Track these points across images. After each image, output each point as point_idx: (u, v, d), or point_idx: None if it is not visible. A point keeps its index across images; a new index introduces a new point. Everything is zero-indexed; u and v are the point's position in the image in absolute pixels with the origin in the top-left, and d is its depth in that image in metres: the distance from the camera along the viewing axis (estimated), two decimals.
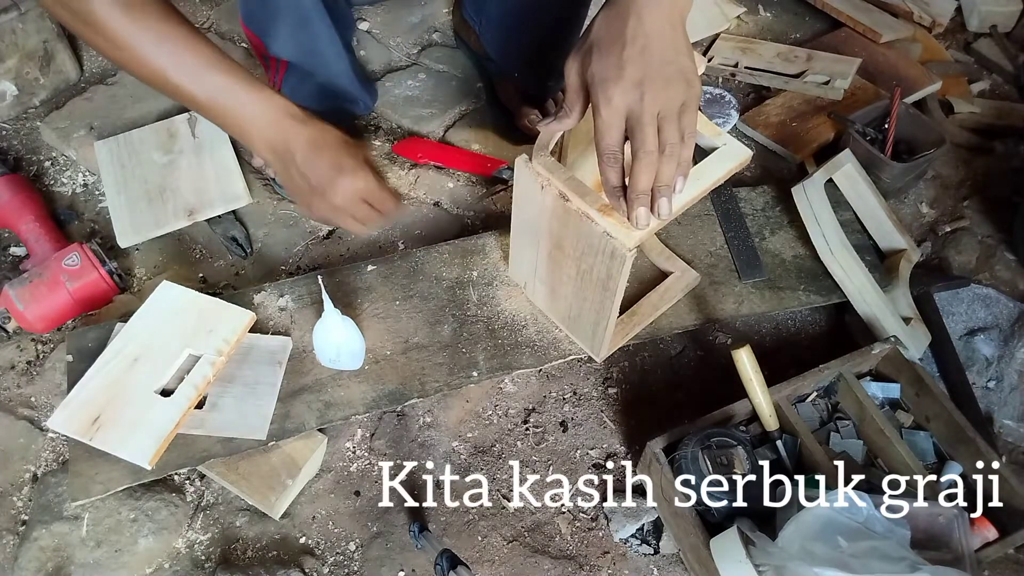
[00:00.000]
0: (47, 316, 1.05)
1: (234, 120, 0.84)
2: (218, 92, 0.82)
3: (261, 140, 0.85)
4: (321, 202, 0.87)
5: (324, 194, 0.86)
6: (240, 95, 0.82)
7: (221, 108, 0.83)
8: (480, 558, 0.96)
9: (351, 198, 0.87)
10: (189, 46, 0.80)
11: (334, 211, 0.88)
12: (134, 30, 0.78)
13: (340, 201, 0.87)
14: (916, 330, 1.11)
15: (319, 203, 0.87)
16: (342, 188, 0.86)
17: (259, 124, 0.84)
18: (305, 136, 0.85)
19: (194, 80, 0.81)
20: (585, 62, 0.77)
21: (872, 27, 1.52)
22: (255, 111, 0.83)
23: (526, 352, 1.05)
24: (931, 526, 0.86)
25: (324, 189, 0.86)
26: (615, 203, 0.80)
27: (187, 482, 0.99)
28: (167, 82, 0.81)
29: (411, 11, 1.53)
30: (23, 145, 1.30)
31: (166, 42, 0.79)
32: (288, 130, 0.84)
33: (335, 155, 0.86)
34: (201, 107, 0.83)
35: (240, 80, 0.82)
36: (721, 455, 0.90)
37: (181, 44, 0.80)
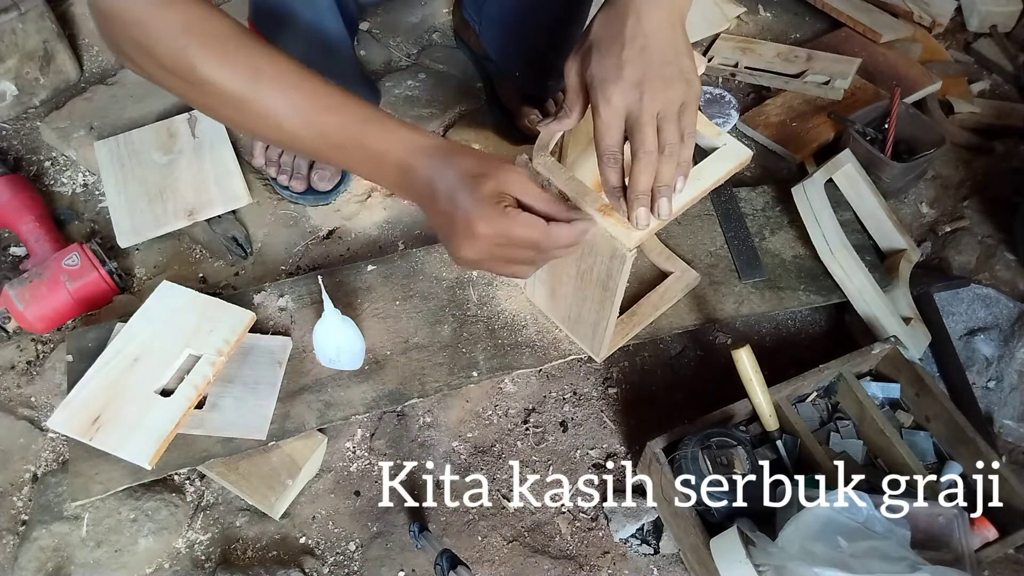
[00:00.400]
0: (47, 316, 1.05)
1: (360, 167, 0.75)
2: (337, 140, 0.72)
3: (394, 186, 0.75)
4: (466, 250, 0.72)
5: (465, 242, 0.71)
6: (360, 137, 0.72)
7: (345, 156, 0.74)
8: (480, 558, 0.96)
9: (494, 243, 0.71)
10: (296, 91, 0.71)
11: (476, 263, 0.73)
12: (234, 76, 0.70)
13: (467, 254, 0.72)
14: (916, 330, 1.11)
15: (463, 251, 0.72)
16: (479, 232, 0.70)
17: (386, 167, 0.73)
18: (424, 179, 0.71)
19: (306, 129, 0.72)
20: (584, 62, 0.77)
21: (872, 27, 1.52)
22: (379, 152, 0.72)
23: (526, 352, 1.05)
24: (931, 526, 0.86)
25: (460, 236, 0.71)
26: (615, 203, 0.80)
27: (187, 482, 0.99)
28: (284, 133, 0.72)
29: (411, 11, 1.53)
30: (23, 145, 1.30)
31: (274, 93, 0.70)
32: (420, 168, 0.72)
33: (451, 193, 0.70)
34: (327, 157, 0.75)
35: (357, 119, 0.72)
36: (721, 455, 0.90)
37: (287, 92, 0.71)
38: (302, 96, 0.72)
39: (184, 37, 0.69)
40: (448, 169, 0.71)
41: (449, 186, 0.70)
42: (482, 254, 0.72)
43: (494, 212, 0.69)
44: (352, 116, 0.72)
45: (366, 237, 1.23)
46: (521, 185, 0.71)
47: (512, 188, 0.71)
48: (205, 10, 0.71)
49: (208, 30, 0.70)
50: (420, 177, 0.72)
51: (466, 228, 0.70)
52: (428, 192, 0.72)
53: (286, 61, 0.72)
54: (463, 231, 0.70)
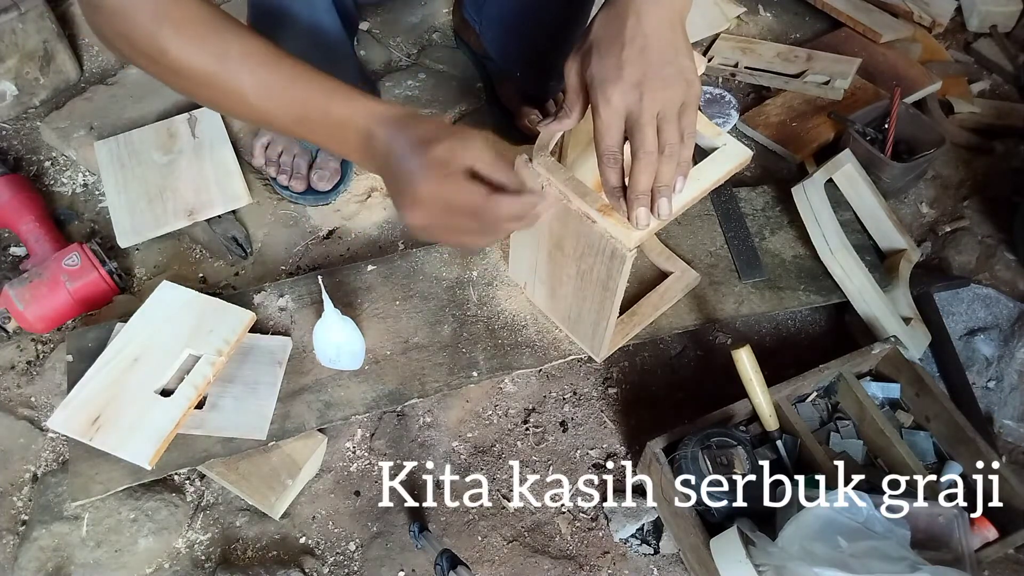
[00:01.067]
0: (47, 316, 1.05)
1: (321, 137, 0.76)
2: (301, 112, 0.74)
3: (355, 154, 0.75)
4: (409, 215, 0.72)
5: (409, 206, 0.71)
6: (323, 107, 0.73)
7: (307, 128, 0.75)
8: (480, 558, 0.96)
9: (436, 208, 0.70)
10: (262, 66, 0.73)
11: (423, 229, 0.73)
12: (203, 56, 0.72)
13: (413, 219, 0.71)
14: (916, 330, 1.11)
15: (408, 216, 0.72)
16: (420, 195, 0.70)
17: (349, 136, 0.74)
18: (382, 146, 0.72)
19: (272, 102, 0.74)
20: (584, 62, 0.77)
21: (872, 27, 1.52)
22: (341, 120, 0.73)
23: (526, 352, 1.05)
24: (931, 526, 0.86)
25: (405, 200, 0.71)
26: (615, 203, 0.80)
27: (187, 482, 0.99)
28: (251, 109, 0.74)
29: (411, 11, 1.53)
30: (23, 145, 1.30)
31: (238, 69, 0.72)
32: (382, 136, 0.72)
33: (402, 157, 0.71)
34: (290, 130, 0.76)
35: (321, 90, 0.74)
36: (721, 455, 0.90)
37: (252, 66, 0.73)
38: (267, 71, 0.74)
39: (156, 22, 0.72)
40: (403, 134, 0.71)
41: (401, 151, 0.71)
42: (427, 219, 0.72)
43: (435, 176, 0.69)
44: (316, 88, 0.74)
45: (366, 237, 1.23)
46: (474, 153, 0.70)
47: (464, 155, 0.70)
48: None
49: (180, 14, 0.72)
50: (379, 144, 0.72)
51: (411, 192, 0.70)
52: (384, 159, 0.72)
53: (254, 39, 0.74)
54: (408, 195, 0.70)
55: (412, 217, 0.72)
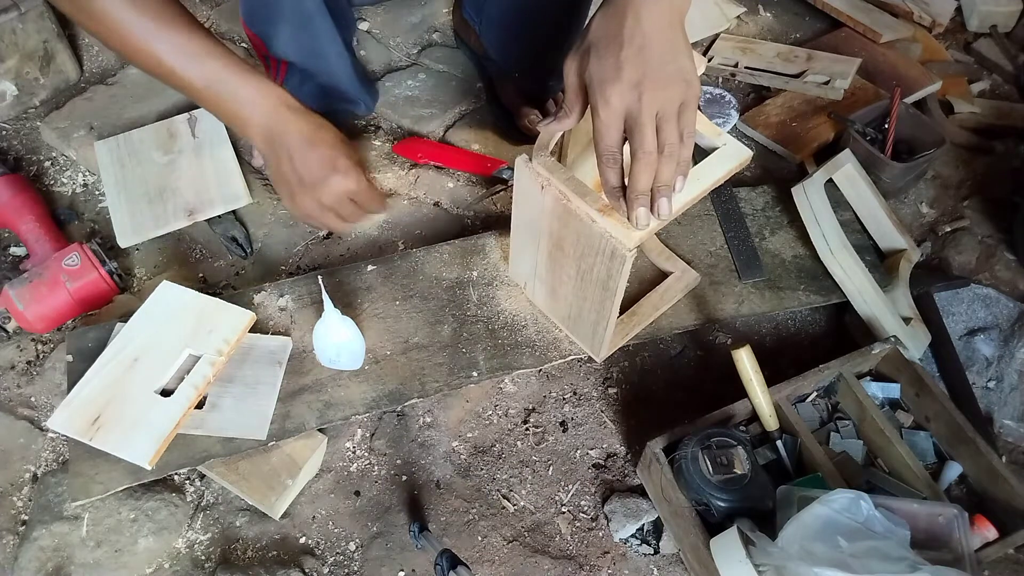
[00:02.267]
0: (47, 316, 1.05)
1: (229, 107, 0.84)
2: (214, 78, 0.82)
3: (256, 128, 0.85)
4: (307, 198, 0.87)
5: (313, 190, 0.86)
6: (236, 82, 0.82)
7: (216, 95, 0.83)
8: (480, 558, 0.96)
9: (340, 197, 0.87)
10: (186, 32, 0.81)
11: (320, 209, 0.88)
12: (132, 16, 0.78)
13: (328, 199, 0.87)
14: (916, 330, 1.11)
15: (305, 199, 0.87)
16: (333, 186, 0.86)
17: (255, 112, 0.84)
18: (301, 129, 0.85)
19: (190, 66, 0.81)
20: (583, 62, 0.77)
21: (872, 27, 1.52)
22: (251, 98, 0.83)
23: (526, 352, 1.05)
24: (931, 526, 0.86)
25: (314, 185, 0.86)
26: (615, 203, 0.80)
27: (187, 482, 0.99)
28: (162, 66, 0.81)
29: (411, 11, 1.53)
30: (23, 145, 1.30)
31: (164, 29, 0.80)
32: (284, 121, 0.84)
33: (330, 152, 0.85)
34: (197, 94, 0.83)
35: (237, 68, 0.82)
36: (721, 455, 0.90)
37: (179, 30, 0.80)
38: (187, 39, 0.81)
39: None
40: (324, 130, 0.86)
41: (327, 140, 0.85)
42: (335, 201, 0.87)
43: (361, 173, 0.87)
44: (232, 64, 0.82)
45: (366, 237, 1.23)
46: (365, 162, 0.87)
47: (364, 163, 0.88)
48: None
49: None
50: (297, 125, 0.84)
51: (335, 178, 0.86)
52: (301, 140, 0.84)
53: (180, 10, 0.82)
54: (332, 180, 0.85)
55: (319, 196, 0.86)
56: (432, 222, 1.25)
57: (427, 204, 1.27)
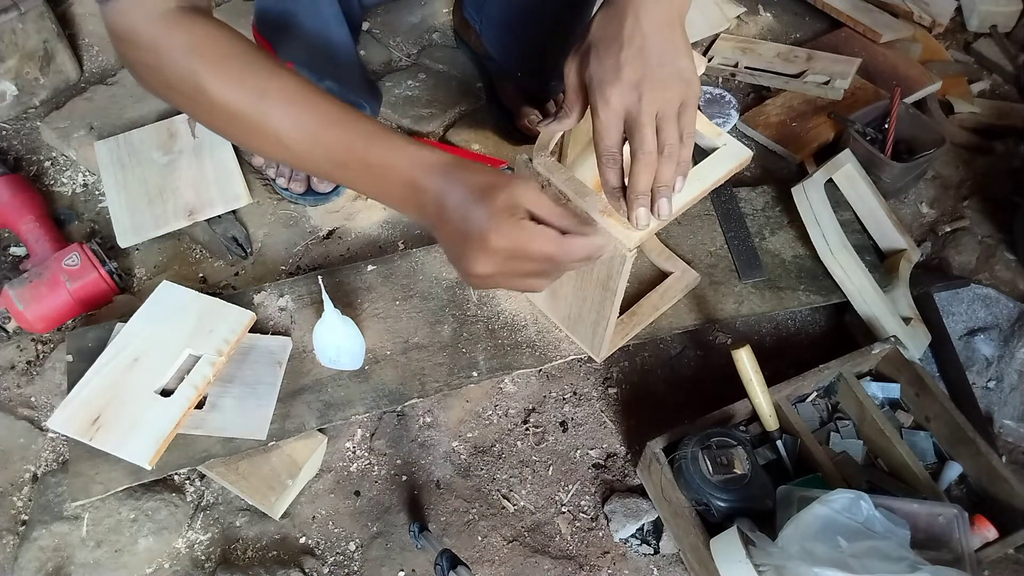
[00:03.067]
0: (47, 316, 1.05)
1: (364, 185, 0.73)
2: (341, 153, 0.71)
3: (400, 204, 0.73)
4: (477, 265, 0.69)
5: (477, 257, 0.68)
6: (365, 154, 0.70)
7: (346, 174, 0.72)
8: (480, 558, 0.96)
9: (506, 256, 0.68)
10: (303, 102, 0.70)
11: (488, 278, 0.70)
12: (240, 94, 0.69)
13: (481, 269, 0.69)
14: (916, 330, 1.11)
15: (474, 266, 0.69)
16: (491, 245, 0.67)
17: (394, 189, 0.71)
18: (432, 196, 0.69)
19: (310, 142, 0.71)
20: (583, 62, 0.77)
21: (872, 27, 1.52)
22: (384, 169, 0.70)
23: (526, 352, 1.05)
24: (931, 526, 0.86)
25: (472, 251, 0.68)
26: (615, 204, 0.80)
27: (187, 482, 0.99)
28: (286, 149, 0.72)
29: (411, 11, 1.53)
30: (23, 145, 1.30)
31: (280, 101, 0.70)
32: (423, 188, 0.70)
33: (464, 208, 0.68)
34: (329, 174, 0.74)
35: (363, 135, 0.71)
36: (721, 455, 0.90)
37: (294, 101, 0.70)
38: (305, 112, 0.70)
39: (190, 57, 0.69)
40: (458, 185, 0.68)
41: (461, 201, 0.68)
42: (496, 268, 0.69)
43: (508, 224, 0.66)
44: (356, 132, 0.71)
45: (366, 237, 1.23)
46: (534, 198, 0.69)
47: (525, 200, 0.68)
48: (213, 28, 0.71)
49: (214, 49, 0.70)
50: (428, 194, 0.69)
51: (480, 242, 0.67)
52: (437, 210, 0.69)
53: (291, 78, 0.71)
54: (477, 245, 0.67)
55: (483, 267, 0.68)
56: None
57: None
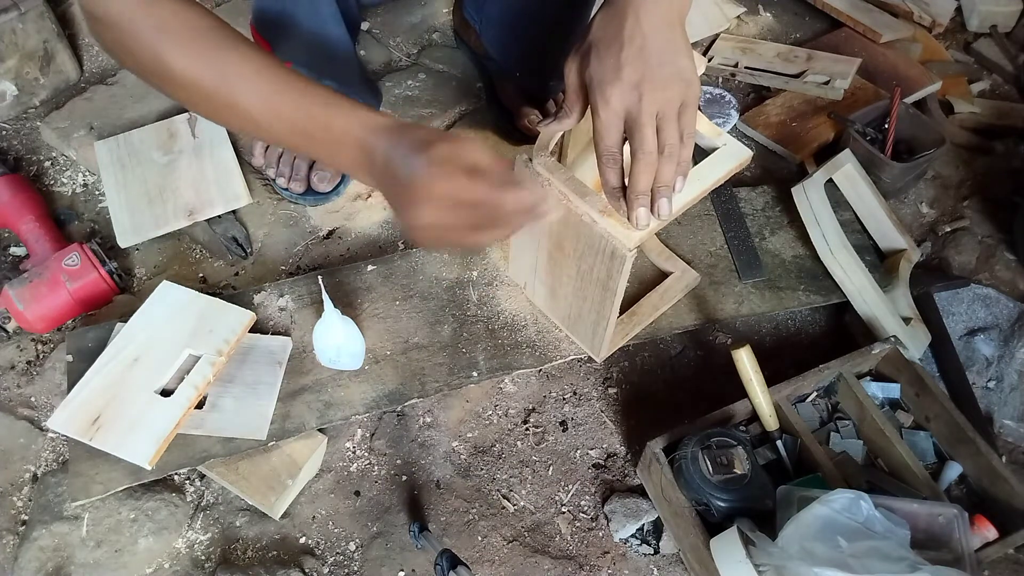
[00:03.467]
0: (47, 316, 1.05)
1: (323, 152, 0.74)
2: (304, 122, 0.72)
3: (354, 168, 0.74)
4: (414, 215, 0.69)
5: (413, 206, 0.69)
6: (327, 121, 0.72)
7: (307, 142, 0.74)
8: (480, 558, 0.96)
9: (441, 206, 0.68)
10: (268, 76, 0.72)
11: (426, 230, 0.70)
12: (206, 70, 0.71)
13: (422, 219, 0.69)
14: (916, 330, 1.11)
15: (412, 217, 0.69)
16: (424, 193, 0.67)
17: (350, 153, 0.72)
18: (381, 156, 0.71)
19: (276, 113, 0.72)
20: (584, 62, 0.77)
21: (872, 27, 1.52)
22: (342, 134, 0.72)
23: (526, 352, 1.05)
24: (931, 526, 0.86)
25: (409, 200, 0.69)
26: (615, 204, 0.80)
27: (187, 482, 0.99)
28: (253, 122, 0.73)
29: (411, 11, 1.53)
30: (23, 145, 1.30)
31: (246, 76, 0.72)
32: (374, 149, 0.71)
33: (405, 161, 0.69)
34: (292, 144, 0.76)
35: (326, 104, 0.72)
36: (721, 455, 0.90)
37: (259, 75, 0.72)
38: (267, 85, 0.72)
39: (158, 35, 0.71)
40: (403, 141, 0.69)
41: (404, 156, 0.69)
42: (436, 217, 0.68)
43: (446, 173, 0.67)
44: (313, 100, 0.72)
45: (366, 237, 1.23)
46: (475, 151, 0.69)
47: (465, 153, 0.68)
48: (180, 8, 0.73)
49: (180, 28, 0.72)
50: (377, 155, 0.71)
51: (421, 189, 0.67)
52: (384, 168, 0.70)
53: (254, 53, 0.73)
54: (417, 194, 0.67)
55: (417, 217, 0.68)
56: None
57: None
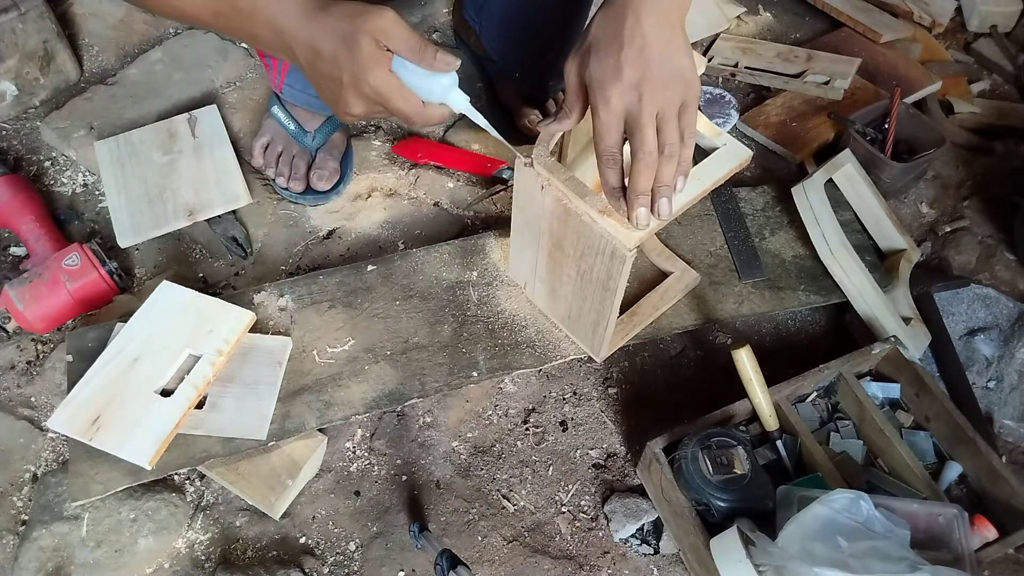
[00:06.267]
0: (47, 316, 1.05)
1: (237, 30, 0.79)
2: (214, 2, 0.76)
3: (273, 48, 0.78)
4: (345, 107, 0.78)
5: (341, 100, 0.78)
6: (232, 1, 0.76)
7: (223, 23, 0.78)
8: (480, 558, 0.96)
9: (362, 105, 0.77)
10: None
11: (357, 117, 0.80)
12: None
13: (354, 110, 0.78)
14: (916, 330, 1.11)
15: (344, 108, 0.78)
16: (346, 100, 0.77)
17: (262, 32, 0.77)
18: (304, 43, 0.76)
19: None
20: (584, 63, 0.77)
21: (872, 27, 1.52)
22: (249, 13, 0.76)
23: (526, 352, 1.05)
24: (931, 526, 0.86)
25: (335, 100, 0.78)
26: (615, 204, 0.80)
27: (187, 482, 0.99)
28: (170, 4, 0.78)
29: (411, 11, 1.53)
30: (23, 145, 1.30)
31: None
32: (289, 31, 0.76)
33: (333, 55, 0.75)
34: (210, 24, 0.79)
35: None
36: (721, 455, 0.90)
37: None
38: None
39: None
40: (327, 32, 0.74)
41: (332, 50, 0.74)
42: (366, 108, 0.78)
43: (376, 74, 0.74)
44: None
45: (366, 237, 1.23)
46: (395, 39, 0.74)
47: (387, 41, 0.74)
48: None
49: None
50: (298, 40, 0.75)
51: (353, 87, 0.75)
52: (309, 55, 0.76)
53: None
54: (351, 90, 0.76)
55: (353, 107, 0.77)
56: (432, 222, 1.25)
57: (427, 204, 1.27)
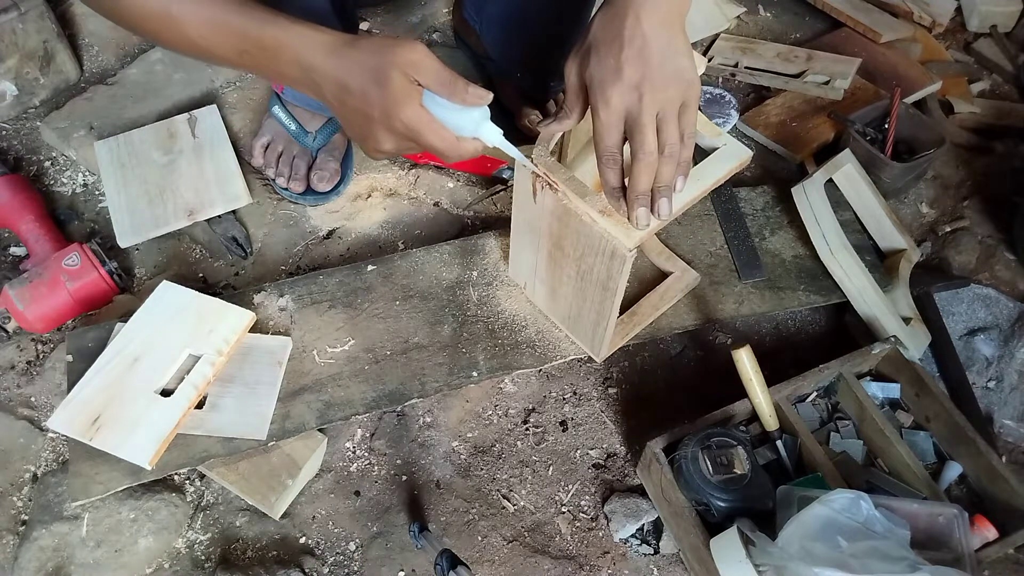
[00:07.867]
0: (47, 316, 1.05)
1: (263, 69, 0.77)
2: (239, 40, 0.75)
3: (299, 84, 0.77)
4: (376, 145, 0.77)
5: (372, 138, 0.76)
6: (259, 37, 0.74)
7: (248, 60, 0.76)
8: (480, 558, 0.96)
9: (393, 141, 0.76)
10: None
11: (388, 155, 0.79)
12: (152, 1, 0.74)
13: (385, 147, 0.77)
14: (916, 330, 1.11)
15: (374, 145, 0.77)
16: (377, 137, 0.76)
17: (289, 70, 0.76)
18: (331, 79, 0.75)
19: (214, 32, 0.75)
20: (584, 63, 0.77)
21: (872, 27, 1.52)
22: (277, 50, 0.75)
23: (526, 352, 1.05)
24: (931, 526, 0.86)
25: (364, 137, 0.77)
26: (615, 204, 0.80)
27: (187, 482, 0.99)
28: (192, 43, 0.76)
29: (411, 11, 1.53)
30: (23, 145, 1.30)
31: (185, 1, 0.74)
32: (317, 68, 0.75)
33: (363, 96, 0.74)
34: (234, 63, 0.78)
35: (260, 21, 0.74)
36: (721, 455, 0.90)
37: None
38: (208, 8, 0.75)
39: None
40: (355, 67, 0.73)
41: (360, 86, 0.73)
42: (397, 145, 0.76)
43: (408, 111, 0.73)
44: (252, 18, 0.75)
45: (366, 237, 1.23)
46: (424, 73, 0.73)
47: (417, 73, 0.73)
48: None
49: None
50: (325, 76, 0.74)
51: (383, 123, 0.74)
52: (338, 92, 0.74)
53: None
54: (381, 127, 0.74)
55: (384, 144, 0.76)
56: (432, 222, 1.25)
57: (427, 204, 1.27)
